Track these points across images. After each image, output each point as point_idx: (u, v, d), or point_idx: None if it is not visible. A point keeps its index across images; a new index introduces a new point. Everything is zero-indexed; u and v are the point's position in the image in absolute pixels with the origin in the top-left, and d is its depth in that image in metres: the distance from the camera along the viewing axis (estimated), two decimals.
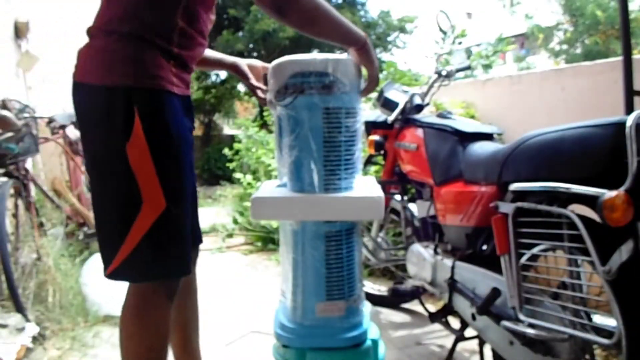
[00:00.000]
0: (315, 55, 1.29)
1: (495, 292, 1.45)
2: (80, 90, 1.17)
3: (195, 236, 1.42)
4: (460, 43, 4.15)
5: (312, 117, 1.24)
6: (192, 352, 1.54)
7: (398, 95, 2.21)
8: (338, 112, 1.25)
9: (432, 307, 2.24)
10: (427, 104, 2.19)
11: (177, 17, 1.17)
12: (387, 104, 2.22)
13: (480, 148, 1.70)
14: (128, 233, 1.14)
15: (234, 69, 1.54)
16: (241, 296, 2.85)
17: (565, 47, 11.05)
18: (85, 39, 1.24)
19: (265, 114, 6.17)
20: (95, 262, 2.72)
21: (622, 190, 1.10)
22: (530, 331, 1.31)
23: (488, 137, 1.81)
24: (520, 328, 1.34)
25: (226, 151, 5.99)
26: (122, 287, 1.33)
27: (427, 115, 2.08)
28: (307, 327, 1.35)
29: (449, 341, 1.97)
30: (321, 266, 1.30)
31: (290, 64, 1.26)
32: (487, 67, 4.24)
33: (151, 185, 1.13)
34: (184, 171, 1.20)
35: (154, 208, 1.14)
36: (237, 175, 5.25)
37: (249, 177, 5.01)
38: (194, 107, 1.40)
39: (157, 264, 1.18)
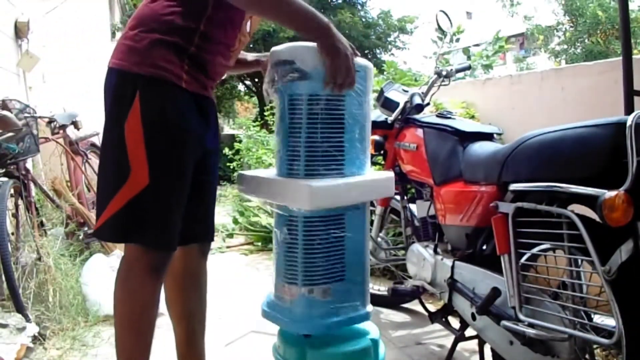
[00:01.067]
0: (289, 44, 1.37)
1: (495, 292, 1.45)
2: (107, 73, 1.36)
3: (204, 231, 1.53)
4: (457, 40, 4.15)
5: (281, 105, 1.35)
6: (196, 347, 1.57)
7: (398, 95, 2.21)
8: (299, 98, 1.31)
9: (432, 307, 2.24)
10: (427, 104, 2.19)
11: (201, 23, 1.31)
12: (387, 104, 2.22)
13: (480, 148, 1.70)
14: (113, 197, 1.29)
15: (257, 64, 1.65)
16: (241, 296, 2.85)
17: (565, 47, 11.06)
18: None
19: (266, 113, 6.17)
20: (96, 262, 2.73)
21: (622, 190, 1.10)
22: (530, 331, 1.31)
23: (488, 137, 1.82)
24: (520, 328, 1.34)
25: (226, 151, 5.99)
26: None
27: (427, 115, 2.08)
28: (271, 304, 1.48)
29: (449, 341, 1.97)
30: (279, 248, 1.42)
31: (271, 55, 1.38)
32: (487, 67, 4.24)
33: (139, 162, 1.27)
34: (176, 157, 1.31)
35: (138, 182, 1.27)
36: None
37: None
38: (215, 110, 1.48)
39: (135, 230, 1.30)
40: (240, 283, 3.15)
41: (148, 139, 1.27)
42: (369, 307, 1.45)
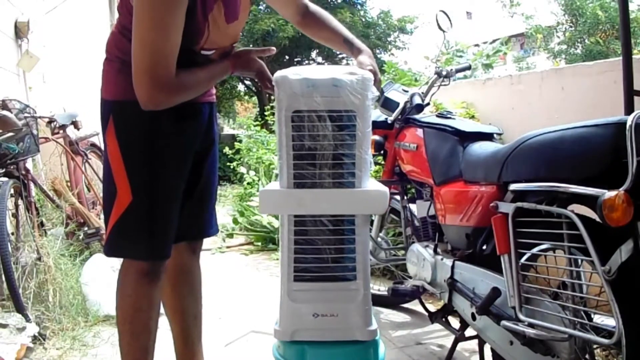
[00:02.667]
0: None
1: (495, 292, 1.45)
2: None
3: (196, 229, 1.58)
4: (460, 55, 4.18)
5: None
6: (191, 344, 1.63)
7: (398, 95, 2.21)
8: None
9: (432, 307, 2.24)
10: (427, 104, 2.19)
11: None
12: (387, 104, 2.22)
13: (480, 148, 1.70)
14: (110, 216, 1.41)
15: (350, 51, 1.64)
16: (241, 296, 2.86)
17: (564, 47, 11.06)
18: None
19: (266, 113, 6.18)
20: (96, 262, 2.73)
21: (622, 190, 1.10)
22: (530, 331, 1.31)
23: (488, 137, 1.82)
24: (520, 328, 1.34)
25: (226, 150, 5.99)
26: None
27: (427, 115, 2.08)
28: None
29: (449, 341, 1.97)
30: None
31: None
32: (487, 66, 4.24)
33: (121, 181, 1.37)
34: (154, 173, 1.39)
35: (123, 199, 1.37)
36: (242, 169, 5.25)
37: (252, 173, 5.02)
38: (203, 111, 1.53)
39: (124, 245, 1.42)
40: (240, 283, 3.15)
41: (125, 159, 1.37)
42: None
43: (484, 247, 1.61)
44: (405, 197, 2.24)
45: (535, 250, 1.39)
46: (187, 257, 1.61)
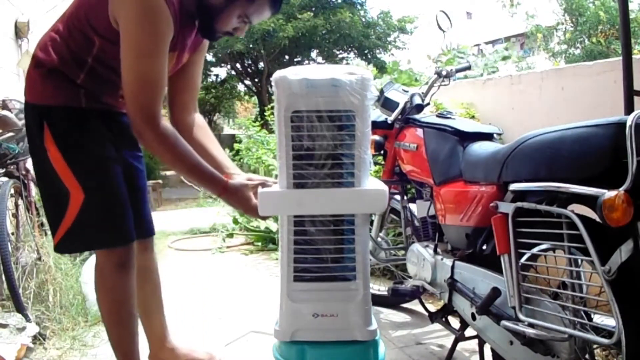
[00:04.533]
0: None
1: (495, 292, 1.45)
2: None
3: (141, 228, 1.66)
4: (461, 57, 4.19)
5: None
6: (153, 322, 1.82)
7: (398, 95, 2.21)
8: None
9: (432, 307, 2.24)
10: (427, 104, 2.19)
11: (89, 59, 1.46)
12: (387, 104, 2.22)
13: (480, 148, 1.70)
14: (64, 217, 1.47)
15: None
16: (241, 296, 2.86)
17: (565, 47, 11.05)
18: None
19: (266, 113, 6.17)
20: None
21: (622, 190, 1.10)
22: (530, 331, 1.31)
23: (488, 137, 1.81)
24: (520, 328, 1.33)
25: (226, 152, 5.99)
26: None
27: (427, 115, 2.08)
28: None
29: (449, 341, 1.97)
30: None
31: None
32: (492, 68, 4.26)
33: (70, 181, 1.45)
34: (98, 168, 1.48)
35: (77, 198, 1.45)
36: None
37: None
38: (116, 118, 1.62)
39: (91, 238, 1.51)
40: (240, 283, 3.15)
41: (69, 161, 1.44)
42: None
43: (484, 247, 1.61)
44: (405, 197, 2.24)
45: (535, 250, 1.38)
46: (142, 254, 1.71)
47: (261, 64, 14.81)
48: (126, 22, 1.33)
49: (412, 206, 2.19)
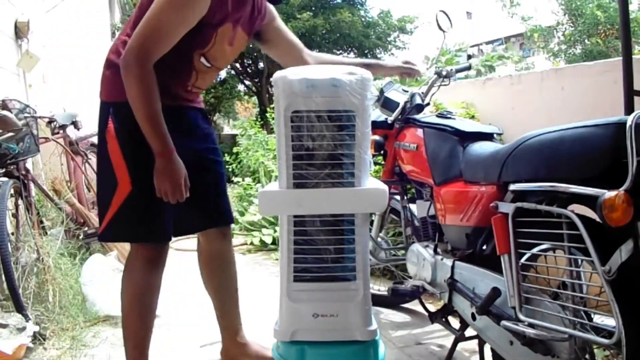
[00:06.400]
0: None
1: (495, 292, 1.45)
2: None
3: (217, 217, 1.79)
4: (460, 55, 4.18)
5: None
6: (227, 315, 1.90)
7: (398, 95, 2.21)
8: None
9: (432, 307, 2.24)
10: (427, 104, 2.19)
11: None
12: (387, 104, 2.22)
13: (480, 148, 1.70)
14: (110, 205, 1.57)
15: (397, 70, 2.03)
16: (241, 296, 2.85)
17: (564, 47, 11.05)
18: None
19: (268, 114, 6.17)
20: (95, 262, 2.72)
21: (622, 190, 1.10)
22: (530, 331, 1.31)
23: (488, 137, 1.81)
24: (520, 328, 1.33)
25: (225, 153, 5.99)
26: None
27: (427, 115, 2.08)
28: None
29: (449, 341, 1.97)
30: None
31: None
32: (490, 68, 4.25)
33: (122, 173, 1.55)
34: (152, 164, 1.51)
35: (124, 190, 1.54)
36: (236, 179, 5.28)
37: (247, 180, 5.03)
38: (197, 115, 1.75)
39: (128, 230, 1.59)
40: (240, 283, 3.14)
41: (126, 154, 1.55)
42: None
43: (484, 247, 1.61)
44: (405, 197, 2.24)
45: (535, 250, 1.39)
46: (218, 242, 1.83)
47: (261, 64, 14.80)
48: None
49: (412, 206, 2.19)
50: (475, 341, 1.78)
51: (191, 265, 1.93)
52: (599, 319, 1.30)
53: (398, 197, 2.28)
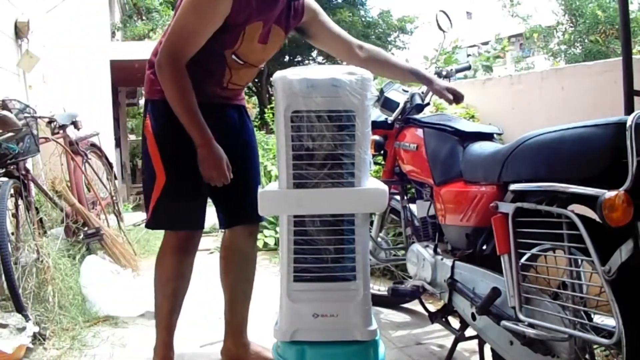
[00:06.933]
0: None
1: (495, 292, 1.45)
2: None
3: (245, 214, 1.81)
4: (455, 51, 4.19)
5: None
6: (236, 312, 1.92)
7: (398, 95, 2.21)
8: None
9: (432, 307, 2.24)
10: (427, 104, 2.19)
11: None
12: (387, 104, 2.22)
13: (480, 148, 1.70)
14: (151, 196, 1.70)
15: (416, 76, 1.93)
16: None
17: (564, 47, 11.04)
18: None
19: (266, 114, 6.15)
20: (93, 263, 2.72)
21: (622, 190, 1.10)
22: (530, 331, 1.31)
23: (488, 137, 1.81)
24: (520, 328, 1.33)
25: None
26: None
27: (427, 115, 2.08)
28: None
29: (449, 341, 1.97)
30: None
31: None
32: (487, 68, 4.25)
33: (159, 167, 1.67)
34: (184, 159, 1.61)
35: (161, 182, 1.67)
36: None
37: None
38: (232, 112, 1.81)
39: (163, 218, 1.73)
40: None
41: (160, 148, 1.67)
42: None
43: (484, 247, 1.61)
44: (405, 197, 2.24)
45: (535, 250, 1.38)
46: (243, 238, 1.88)
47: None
48: None
49: (412, 206, 2.19)
50: (475, 341, 1.78)
51: (194, 265, 1.91)
52: (599, 319, 1.30)
53: (398, 197, 2.28)
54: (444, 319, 1.88)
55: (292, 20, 1.73)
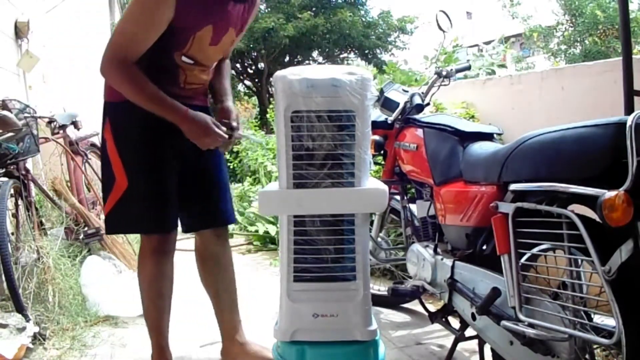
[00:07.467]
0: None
1: (495, 292, 1.45)
2: None
3: (212, 218, 1.83)
4: (455, 50, 4.19)
5: None
6: (225, 313, 1.92)
7: (398, 95, 2.21)
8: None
9: (432, 307, 2.24)
10: (427, 104, 2.19)
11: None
12: (387, 104, 2.22)
13: (480, 148, 1.70)
14: (107, 200, 1.69)
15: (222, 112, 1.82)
16: (240, 296, 2.85)
17: (564, 47, 11.05)
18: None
19: (267, 115, 6.19)
20: (94, 262, 2.72)
21: (622, 190, 1.10)
22: (530, 331, 1.31)
23: (488, 137, 1.81)
24: (520, 328, 1.33)
25: (226, 156, 6.00)
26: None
27: (427, 115, 2.08)
28: None
29: (449, 341, 1.97)
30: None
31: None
32: (491, 72, 4.26)
33: (119, 171, 1.65)
34: (145, 162, 1.64)
35: (121, 186, 1.65)
36: (235, 185, 5.31)
37: (246, 184, 5.06)
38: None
39: (126, 222, 1.72)
40: (239, 283, 3.14)
41: (121, 152, 1.65)
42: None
43: (484, 247, 1.61)
44: (405, 197, 2.24)
45: (535, 250, 1.38)
46: (213, 242, 1.86)
47: (261, 64, 14.81)
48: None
49: (412, 206, 2.19)
50: (475, 341, 1.78)
51: (191, 264, 1.93)
52: (599, 319, 1.30)
53: (398, 197, 2.28)
54: (444, 319, 1.88)
55: (247, 16, 1.72)
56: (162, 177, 1.67)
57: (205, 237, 1.86)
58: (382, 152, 2.32)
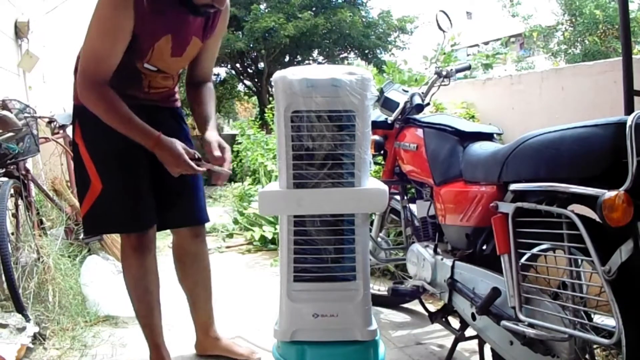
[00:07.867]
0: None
1: (495, 292, 1.45)
2: None
3: (187, 216, 1.86)
4: (453, 49, 4.19)
5: None
6: (200, 310, 1.97)
7: (398, 95, 2.21)
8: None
9: (432, 307, 2.24)
10: (427, 104, 2.19)
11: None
12: (387, 104, 2.22)
13: (480, 148, 1.70)
14: (83, 202, 1.72)
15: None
16: (240, 296, 2.85)
17: (564, 47, 11.06)
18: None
19: (266, 114, 6.18)
20: (93, 262, 2.72)
21: (622, 190, 1.10)
22: (530, 331, 1.31)
23: (488, 137, 1.81)
24: (520, 328, 1.33)
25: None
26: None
27: (427, 115, 2.08)
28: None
29: (449, 341, 1.97)
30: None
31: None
32: (487, 66, 4.25)
33: (93, 173, 1.68)
34: (117, 163, 1.66)
35: (96, 188, 1.67)
36: (235, 184, 5.30)
37: (246, 184, 5.05)
38: (162, 114, 1.80)
39: (103, 223, 1.77)
40: (239, 283, 3.15)
41: (92, 155, 1.67)
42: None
43: (484, 247, 1.61)
44: (405, 197, 2.24)
45: (535, 250, 1.38)
46: (190, 241, 1.90)
47: (261, 64, 14.80)
48: (96, 7, 1.54)
49: (412, 206, 2.19)
50: (475, 341, 1.78)
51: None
52: (599, 319, 1.30)
53: (398, 197, 2.28)
54: (444, 319, 1.88)
55: (211, 29, 1.75)
56: (134, 176, 1.69)
57: (182, 236, 1.89)
58: (382, 152, 2.32)
